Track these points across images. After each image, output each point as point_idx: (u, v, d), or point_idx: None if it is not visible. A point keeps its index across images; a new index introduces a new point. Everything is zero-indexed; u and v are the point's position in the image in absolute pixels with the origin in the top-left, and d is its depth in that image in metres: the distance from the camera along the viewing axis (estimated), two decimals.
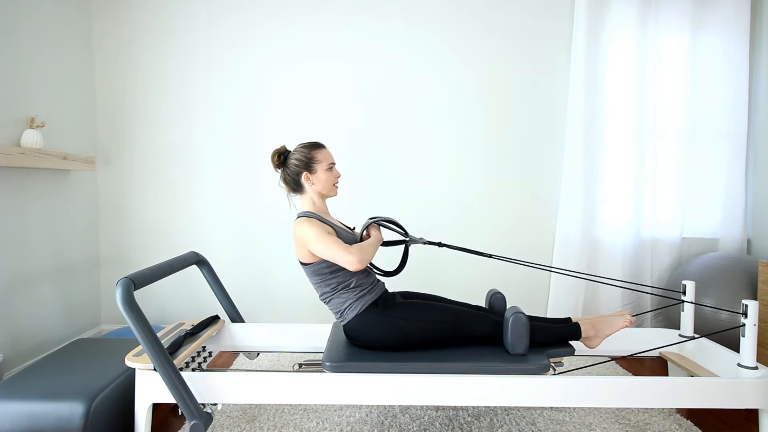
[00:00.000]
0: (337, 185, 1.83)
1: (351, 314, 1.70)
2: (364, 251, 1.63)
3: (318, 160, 1.77)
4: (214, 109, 2.86)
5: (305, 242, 1.66)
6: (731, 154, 2.87)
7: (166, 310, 2.90)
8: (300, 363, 1.86)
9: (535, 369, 1.59)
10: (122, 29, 2.83)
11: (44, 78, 2.44)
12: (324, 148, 1.81)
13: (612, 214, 2.91)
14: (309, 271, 1.73)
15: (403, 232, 1.82)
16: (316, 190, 1.78)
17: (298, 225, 1.69)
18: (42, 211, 2.42)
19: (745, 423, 1.88)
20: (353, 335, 1.74)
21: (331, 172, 1.79)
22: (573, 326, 1.79)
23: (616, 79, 2.85)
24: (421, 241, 1.83)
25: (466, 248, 1.91)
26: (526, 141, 2.91)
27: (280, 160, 1.81)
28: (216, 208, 2.89)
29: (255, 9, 2.83)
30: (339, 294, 1.72)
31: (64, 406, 1.52)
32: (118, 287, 1.46)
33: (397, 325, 1.69)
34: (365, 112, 2.88)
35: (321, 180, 1.77)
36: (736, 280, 2.41)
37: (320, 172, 1.77)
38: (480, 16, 2.87)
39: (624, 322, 1.78)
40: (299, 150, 1.79)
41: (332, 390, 1.57)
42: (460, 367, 1.60)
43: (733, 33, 2.82)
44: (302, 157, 1.77)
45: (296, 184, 1.79)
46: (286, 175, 1.80)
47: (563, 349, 1.74)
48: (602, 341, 1.80)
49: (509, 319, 1.65)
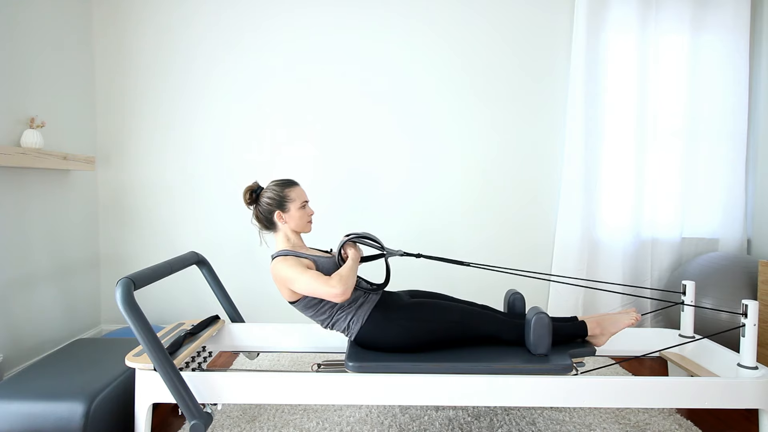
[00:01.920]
0: (310, 222, 1.82)
1: (356, 327, 1.71)
2: (344, 279, 1.60)
3: (291, 199, 1.76)
4: (214, 108, 2.86)
5: (286, 282, 1.66)
6: (731, 154, 2.87)
7: (166, 310, 2.90)
8: (319, 363, 1.87)
9: (559, 369, 1.59)
10: (122, 29, 2.83)
11: (44, 78, 2.44)
12: (297, 186, 1.80)
13: (612, 215, 2.91)
14: (299, 307, 1.74)
15: (379, 246, 1.78)
16: (291, 227, 1.78)
17: (276, 266, 1.68)
18: (42, 211, 2.42)
19: (745, 423, 1.88)
20: (364, 343, 1.73)
21: (305, 210, 1.79)
22: (580, 324, 1.80)
23: (616, 79, 2.85)
24: (398, 253, 1.80)
25: (443, 258, 1.90)
26: (526, 141, 2.91)
27: (252, 198, 1.80)
28: (216, 208, 2.89)
29: (254, 9, 2.83)
30: (337, 316, 1.72)
31: (64, 406, 1.52)
32: (118, 287, 1.46)
33: (404, 325, 1.69)
34: (365, 112, 2.88)
35: (294, 218, 1.77)
36: (736, 280, 2.41)
37: (293, 210, 1.76)
38: (480, 17, 2.87)
39: (630, 320, 1.79)
40: (272, 188, 1.78)
41: (345, 389, 1.57)
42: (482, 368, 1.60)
43: (733, 33, 2.82)
44: (275, 195, 1.76)
45: (269, 222, 1.79)
46: (259, 212, 1.79)
47: (585, 349, 1.75)
48: (608, 339, 1.80)
49: (531, 320, 1.65)
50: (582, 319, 1.82)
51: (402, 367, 1.60)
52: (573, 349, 1.73)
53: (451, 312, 1.73)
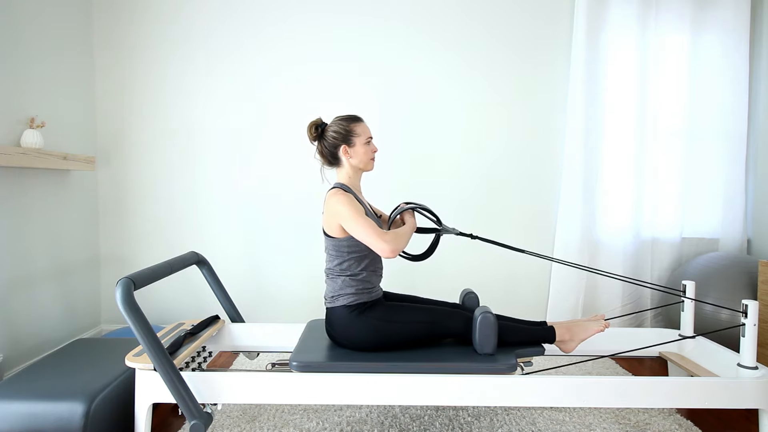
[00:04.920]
0: (373, 159, 1.80)
1: (340, 302, 1.69)
2: (398, 239, 1.62)
3: (357, 134, 1.74)
4: (214, 108, 2.86)
5: (339, 217, 1.63)
6: (731, 154, 2.88)
7: (166, 310, 2.90)
8: (273, 362, 1.88)
9: (503, 368, 1.58)
10: (122, 29, 2.83)
11: (44, 78, 2.44)
12: (362, 121, 1.79)
13: (612, 214, 2.91)
14: (330, 243, 1.71)
15: (436, 220, 1.81)
16: (353, 163, 1.76)
17: (334, 196, 1.65)
18: (42, 211, 2.42)
19: (745, 423, 1.88)
20: (333, 324, 1.73)
21: (369, 146, 1.77)
22: (548, 329, 1.79)
23: (616, 79, 2.85)
24: (453, 232, 1.80)
25: (497, 242, 1.88)
26: (526, 141, 2.91)
27: (317, 132, 1.78)
28: (216, 208, 2.89)
29: (256, 10, 2.83)
30: (343, 277, 1.70)
31: (64, 406, 1.52)
32: (118, 287, 1.46)
33: (375, 326, 1.68)
34: (365, 111, 2.87)
35: (359, 153, 1.75)
36: (736, 280, 2.41)
37: (358, 145, 1.74)
38: (480, 17, 2.87)
39: (598, 327, 1.78)
40: (337, 122, 1.76)
41: (322, 390, 1.57)
42: (425, 367, 1.60)
43: (733, 33, 2.82)
44: (341, 129, 1.74)
45: (333, 157, 1.77)
46: (323, 147, 1.77)
47: (532, 349, 1.74)
48: (578, 345, 1.80)
49: (477, 319, 1.65)
50: (551, 324, 1.81)
51: (345, 366, 1.60)
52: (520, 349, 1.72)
53: (420, 313, 1.73)
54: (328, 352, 1.70)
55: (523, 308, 2.92)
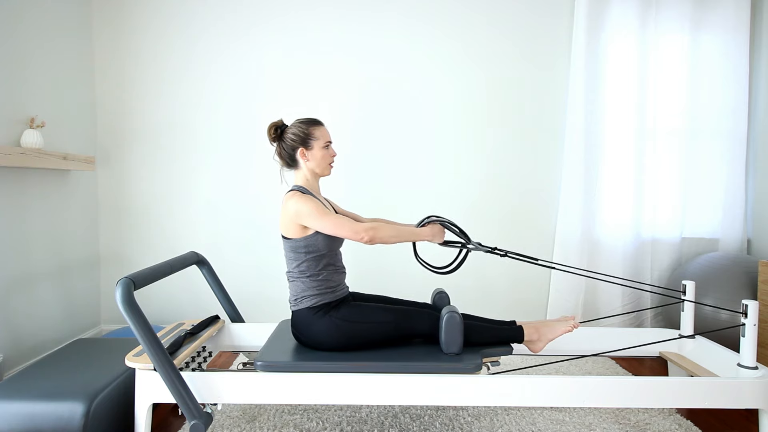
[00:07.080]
0: (332, 165, 1.81)
1: (304, 304, 1.69)
2: (380, 230, 1.63)
3: (315, 137, 1.75)
4: (214, 108, 2.86)
5: (300, 217, 1.64)
6: (731, 154, 2.88)
7: (166, 310, 2.90)
8: (243, 362, 1.89)
9: (468, 368, 1.58)
10: (122, 29, 2.83)
11: (44, 78, 2.44)
12: (322, 125, 1.79)
13: (612, 214, 2.91)
14: (288, 246, 1.71)
15: (464, 235, 1.79)
16: (310, 167, 1.77)
17: (292, 198, 1.66)
18: (42, 211, 2.42)
19: (745, 423, 1.88)
20: (297, 327, 1.72)
21: (327, 150, 1.78)
22: (516, 329, 1.79)
23: (616, 78, 2.85)
24: (483, 249, 1.77)
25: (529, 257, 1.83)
26: (526, 141, 2.91)
27: (276, 134, 1.78)
28: (216, 208, 2.89)
29: (253, 7, 2.83)
30: (303, 279, 1.70)
31: (64, 406, 1.52)
32: (118, 287, 1.46)
33: (339, 326, 1.67)
34: (364, 110, 2.88)
35: (316, 157, 1.75)
36: (736, 280, 2.41)
37: (316, 149, 1.75)
38: (480, 16, 2.87)
39: (566, 327, 1.78)
40: (297, 125, 1.77)
41: (344, 389, 1.57)
42: (389, 367, 1.59)
43: (733, 33, 2.82)
44: (300, 132, 1.75)
45: (291, 159, 1.78)
46: (282, 149, 1.78)
47: (500, 349, 1.74)
48: (546, 345, 1.80)
49: (443, 318, 1.64)
50: (520, 323, 1.81)
51: (310, 366, 1.60)
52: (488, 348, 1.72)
53: (386, 313, 1.72)
54: (295, 353, 1.69)
55: (523, 308, 2.92)
